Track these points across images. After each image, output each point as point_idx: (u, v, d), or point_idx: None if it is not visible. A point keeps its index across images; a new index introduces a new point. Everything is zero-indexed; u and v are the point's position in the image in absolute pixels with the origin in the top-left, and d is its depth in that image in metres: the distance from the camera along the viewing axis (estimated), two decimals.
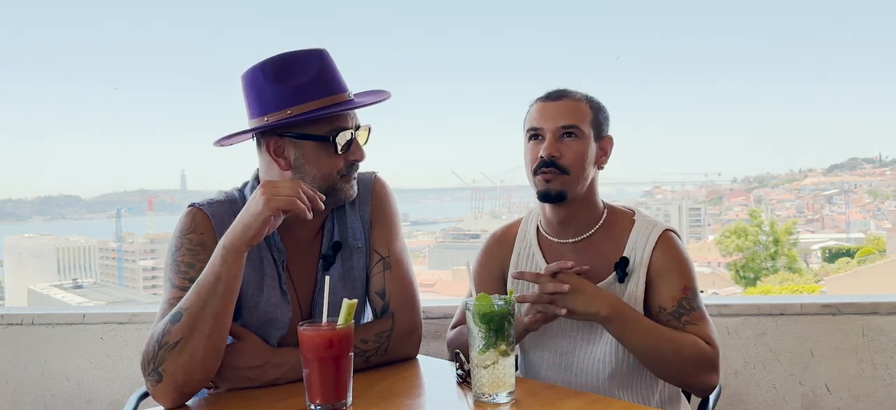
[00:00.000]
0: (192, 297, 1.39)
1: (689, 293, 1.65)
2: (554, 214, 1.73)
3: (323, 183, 1.54)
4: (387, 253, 1.65)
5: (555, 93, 1.72)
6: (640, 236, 1.70)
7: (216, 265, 1.39)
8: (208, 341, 1.38)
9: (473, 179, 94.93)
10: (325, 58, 1.54)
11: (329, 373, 1.31)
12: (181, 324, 1.37)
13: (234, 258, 1.39)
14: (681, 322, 1.63)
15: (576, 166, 1.66)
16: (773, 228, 37.34)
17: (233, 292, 1.40)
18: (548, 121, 1.68)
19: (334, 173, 1.55)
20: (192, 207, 1.58)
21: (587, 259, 1.70)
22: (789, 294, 15.66)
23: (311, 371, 1.32)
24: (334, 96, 1.52)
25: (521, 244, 1.81)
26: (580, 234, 1.74)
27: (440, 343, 2.39)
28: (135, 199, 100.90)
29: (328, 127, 1.52)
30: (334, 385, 1.32)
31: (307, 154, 1.52)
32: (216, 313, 1.38)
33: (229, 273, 1.38)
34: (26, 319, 2.59)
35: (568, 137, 1.67)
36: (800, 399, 2.34)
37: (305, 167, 1.53)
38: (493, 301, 1.36)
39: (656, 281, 1.66)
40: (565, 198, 1.68)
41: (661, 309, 1.65)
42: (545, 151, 1.66)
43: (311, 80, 1.50)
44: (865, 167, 68.48)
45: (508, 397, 1.37)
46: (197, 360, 1.38)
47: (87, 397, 2.57)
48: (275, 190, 1.39)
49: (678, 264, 1.67)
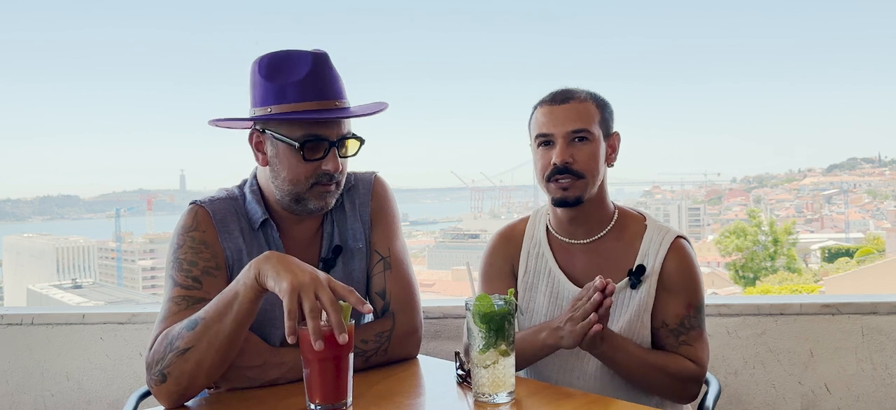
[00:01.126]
0: (211, 309, 1.37)
1: (693, 310, 1.67)
2: (566, 214, 1.72)
3: (292, 187, 1.53)
4: (387, 254, 1.65)
5: (560, 94, 1.69)
6: (653, 243, 1.69)
7: (238, 284, 1.36)
8: (217, 354, 1.37)
9: (473, 179, 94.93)
10: (320, 61, 1.52)
11: (329, 373, 1.31)
12: (194, 333, 1.36)
13: (250, 287, 1.33)
14: (678, 340, 1.66)
15: (590, 169, 1.65)
16: (773, 228, 37.37)
17: (245, 315, 1.36)
18: (557, 125, 1.65)
19: (302, 180, 1.51)
20: (194, 204, 1.58)
21: (598, 261, 1.70)
22: (789, 293, 15.68)
23: (312, 371, 1.31)
24: (318, 102, 1.49)
25: (531, 243, 1.80)
26: (591, 235, 1.73)
27: (440, 343, 2.39)
28: (134, 199, 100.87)
29: (302, 132, 1.49)
30: (335, 385, 1.31)
31: (280, 154, 1.52)
32: (228, 331, 1.36)
33: (245, 297, 1.35)
34: (25, 319, 2.59)
35: (579, 141, 1.65)
36: (799, 399, 2.34)
37: (278, 167, 1.53)
38: (493, 300, 1.36)
39: (663, 292, 1.67)
40: (582, 203, 1.67)
41: (663, 324, 1.66)
42: (558, 158, 1.63)
43: (297, 82, 1.49)
44: (864, 167, 68.51)
45: (508, 397, 1.37)
46: (203, 369, 1.37)
47: (86, 397, 2.57)
48: (307, 293, 1.27)
49: (688, 279, 1.67)
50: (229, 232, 1.56)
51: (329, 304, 1.26)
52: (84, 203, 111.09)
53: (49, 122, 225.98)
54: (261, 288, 1.33)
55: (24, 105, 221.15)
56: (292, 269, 1.29)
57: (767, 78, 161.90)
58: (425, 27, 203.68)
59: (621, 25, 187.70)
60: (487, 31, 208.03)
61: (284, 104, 1.48)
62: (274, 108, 1.49)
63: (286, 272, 1.29)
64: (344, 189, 1.64)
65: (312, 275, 1.29)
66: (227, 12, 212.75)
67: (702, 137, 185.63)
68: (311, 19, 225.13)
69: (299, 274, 1.28)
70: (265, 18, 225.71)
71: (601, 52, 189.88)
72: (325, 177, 1.52)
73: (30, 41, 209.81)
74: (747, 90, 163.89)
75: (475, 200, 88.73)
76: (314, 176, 1.51)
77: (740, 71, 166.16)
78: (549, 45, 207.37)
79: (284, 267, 1.30)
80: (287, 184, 1.52)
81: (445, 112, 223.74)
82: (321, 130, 1.50)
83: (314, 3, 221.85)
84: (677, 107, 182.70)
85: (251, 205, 1.59)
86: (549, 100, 1.70)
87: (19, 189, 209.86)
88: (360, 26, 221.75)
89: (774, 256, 36.33)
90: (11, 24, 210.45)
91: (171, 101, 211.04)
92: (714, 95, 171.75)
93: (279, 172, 1.53)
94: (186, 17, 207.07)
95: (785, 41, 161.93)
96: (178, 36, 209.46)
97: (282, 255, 1.34)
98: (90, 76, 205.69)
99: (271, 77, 1.50)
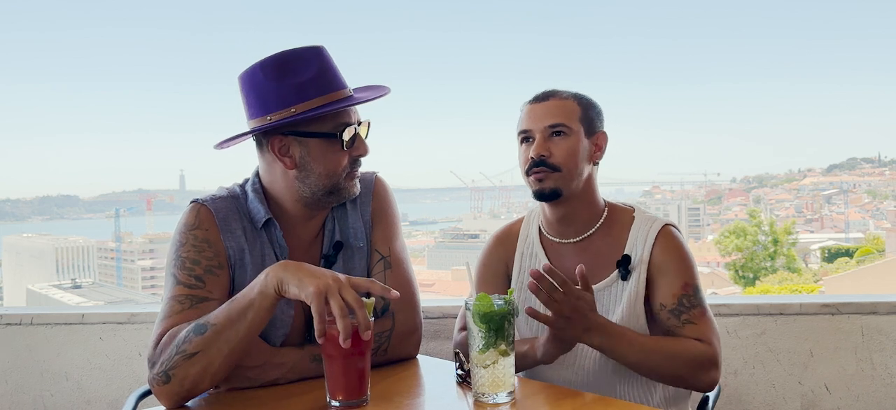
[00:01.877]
0: (222, 315, 1.38)
1: (690, 289, 1.65)
2: (553, 213, 1.74)
3: (328, 180, 1.54)
4: (387, 253, 1.65)
5: (542, 94, 1.74)
6: (640, 232, 1.70)
7: (254, 292, 1.37)
8: (224, 359, 1.37)
9: (472, 179, 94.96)
10: (324, 55, 1.55)
11: (354, 369, 1.34)
12: (204, 338, 1.36)
13: (266, 295, 1.35)
14: (680, 320, 1.63)
15: (567, 163, 1.67)
16: (773, 228, 37.38)
17: (259, 323, 1.38)
18: (536, 121, 1.70)
19: (339, 170, 1.55)
20: (196, 203, 1.58)
21: (589, 258, 1.71)
22: (788, 293, 15.65)
23: (336, 368, 1.33)
24: (336, 92, 1.52)
25: (524, 243, 1.82)
26: (581, 233, 1.74)
27: (439, 342, 2.39)
28: (133, 199, 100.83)
29: (332, 123, 1.52)
30: (358, 380, 1.35)
31: (313, 151, 1.52)
32: (240, 338, 1.37)
33: (260, 305, 1.36)
34: (25, 319, 2.59)
35: (556, 136, 1.68)
36: (799, 399, 2.34)
37: (311, 165, 1.53)
38: (492, 300, 1.36)
39: (657, 277, 1.66)
40: (561, 195, 1.68)
41: (662, 306, 1.65)
42: (534, 151, 1.68)
43: (313, 78, 1.50)
44: (864, 167, 68.51)
45: (508, 397, 1.37)
46: (208, 374, 1.37)
47: (85, 397, 2.57)
48: (333, 294, 1.29)
49: (679, 260, 1.67)
50: (231, 231, 1.56)
51: (355, 303, 1.29)
52: (84, 203, 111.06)
53: (49, 122, 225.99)
54: (279, 297, 1.35)
55: (24, 105, 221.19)
56: (315, 274, 1.32)
57: (767, 78, 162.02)
58: (425, 27, 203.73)
59: (621, 25, 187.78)
60: (487, 31, 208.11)
61: (308, 101, 1.49)
62: (297, 108, 1.49)
63: (310, 277, 1.31)
64: None
65: (335, 277, 1.32)
66: (227, 12, 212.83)
67: (702, 137, 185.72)
68: (311, 19, 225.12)
69: (322, 278, 1.31)
70: (265, 18, 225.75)
71: (601, 52, 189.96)
72: (356, 164, 1.58)
73: (30, 41, 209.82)
74: (747, 90, 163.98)
75: (475, 200, 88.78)
76: (349, 164, 1.56)
77: (740, 71, 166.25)
78: (549, 45, 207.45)
79: (306, 272, 1.33)
80: (323, 179, 1.54)
81: (445, 112, 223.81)
82: (348, 118, 1.54)
83: (314, 3, 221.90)
84: (677, 107, 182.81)
85: (253, 204, 1.59)
86: (532, 99, 1.75)
87: (19, 189, 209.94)
88: (360, 26, 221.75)
89: (774, 256, 36.35)
90: (11, 24, 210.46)
91: (171, 101, 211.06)
92: (714, 95, 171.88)
93: (313, 169, 1.53)
94: (186, 17, 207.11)
95: (785, 41, 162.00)
96: (178, 36, 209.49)
97: (298, 263, 1.36)
98: (90, 76, 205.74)
99: (283, 78, 1.50)
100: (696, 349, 1.59)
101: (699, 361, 1.59)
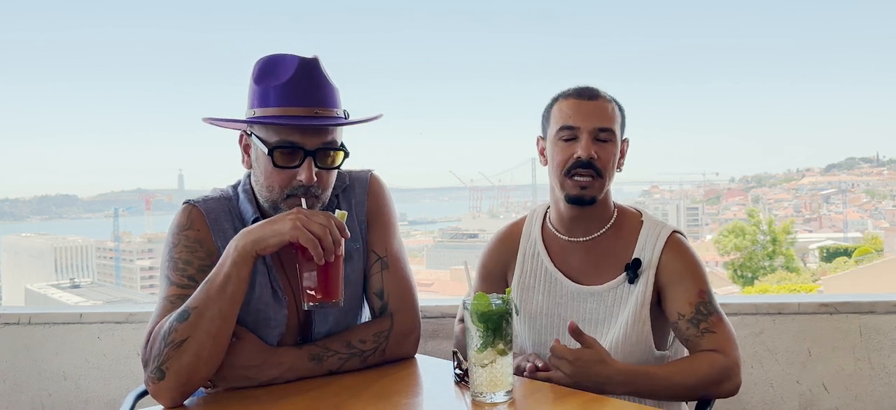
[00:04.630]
0: (200, 297, 1.39)
1: (705, 296, 1.64)
2: (570, 212, 1.71)
3: (268, 194, 1.50)
4: (384, 253, 1.64)
5: (587, 91, 1.68)
6: (650, 238, 1.70)
7: (226, 266, 1.39)
8: (213, 341, 1.38)
9: (471, 179, 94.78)
10: (307, 67, 1.47)
11: (333, 272, 1.39)
12: (188, 323, 1.37)
13: (243, 260, 1.39)
14: (700, 329, 1.62)
15: (609, 169, 1.66)
16: (771, 228, 37.39)
17: (240, 294, 1.40)
18: (584, 120, 1.64)
19: (275, 188, 1.48)
20: (188, 204, 1.58)
21: (595, 258, 1.71)
22: (787, 293, 15.62)
23: (316, 273, 1.38)
24: (298, 107, 1.44)
25: (526, 244, 1.80)
26: (590, 234, 1.73)
27: (438, 342, 2.39)
28: (132, 199, 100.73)
29: (277, 138, 1.45)
30: (335, 283, 1.40)
31: (258, 159, 1.51)
32: (224, 315, 1.38)
33: (238, 275, 1.38)
34: (23, 318, 2.59)
35: (603, 140, 1.65)
36: (797, 398, 2.34)
37: (257, 172, 1.53)
38: (491, 300, 1.36)
39: (669, 287, 1.66)
40: (595, 202, 1.67)
41: (680, 316, 1.64)
42: (584, 152, 1.62)
43: (279, 86, 1.45)
44: (863, 166, 68.51)
45: (506, 396, 1.37)
46: (202, 360, 1.38)
47: (84, 396, 2.56)
48: (306, 221, 1.36)
49: (691, 268, 1.66)
50: (223, 232, 1.55)
51: (326, 220, 1.37)
52: (82, 202, 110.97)
53: (49, 122, 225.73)
54: (256, 257, 1.39)
55: (23, 105, 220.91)
56: (280, 220, 1.39)
57: (767, 78, 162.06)
58: (425, 27, 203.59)
59: (621, 25, 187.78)
60: (487, 31, 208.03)
61: (266, 108, 1.46)
62: (257, 111, 1.48)
63: (279, 223, 1.38)
64: (339, 189, 1.63)
65: (297, 211, 1.39)
66: (227, 12, 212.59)
67: (701, 137, 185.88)
68: (311, 19, 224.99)
69: (289, 218, 1.37)
70: (265, 18, 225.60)
71: (601, 51, 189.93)
72: (299, 189, 1.46)
73: (30, 41, 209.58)
74: (747, 90, 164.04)
75: (474, 200, 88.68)
76: (289, 186, 1.47)
77: (740, 71, 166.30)
78: (549, 45, 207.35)
79: (272, 223, 1.39)
80: (264, 191, 1.51)
81: (444, 112, 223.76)
82: (297, 138, 1.44)
83: (314, 3, 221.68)
84: (677, 107, 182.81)
85: (244, 205, 1.59)
86: (574, 94, 1.69)
87: (18, 188, 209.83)
88: (360, 26, 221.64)
89: (773, 256, 36.36)
90: (11, 24, 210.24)
91: (171, 101, 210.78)
92: (714, 95, 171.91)
93: (258, 177, 1.52)
94: (186, 17, 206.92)
95: (785, 41, 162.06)
96: (178, 36, 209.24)
97: (258, 224, 1.42)
98: (90, 76, 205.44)
99: (259, 80, 1.49)
100: (715, 364, 1.58)
101: (719, 376, 1.58)
